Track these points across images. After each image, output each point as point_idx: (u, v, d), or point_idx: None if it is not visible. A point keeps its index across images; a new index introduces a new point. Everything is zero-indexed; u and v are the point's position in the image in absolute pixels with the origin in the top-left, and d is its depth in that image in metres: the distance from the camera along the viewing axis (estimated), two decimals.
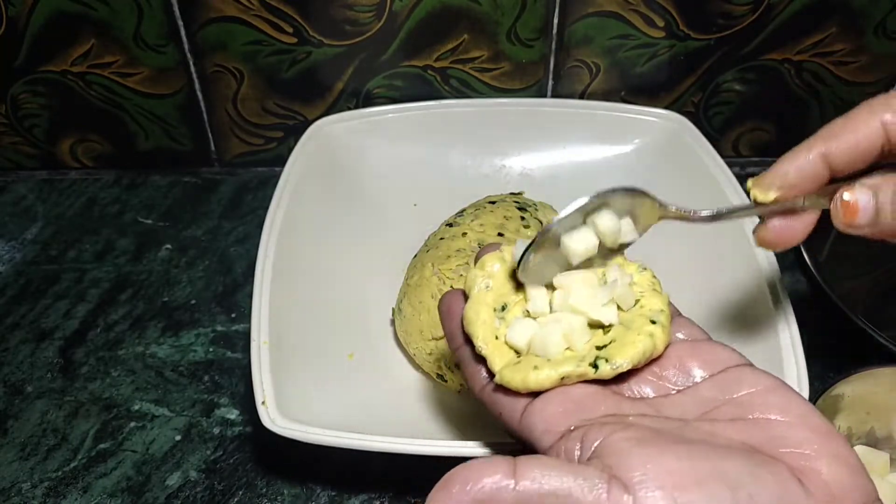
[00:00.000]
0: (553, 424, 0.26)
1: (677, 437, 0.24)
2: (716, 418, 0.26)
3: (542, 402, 0.28)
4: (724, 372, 0.27)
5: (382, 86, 0.63)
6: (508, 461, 0.23)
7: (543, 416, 0.27)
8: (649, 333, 0.29)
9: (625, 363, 0.28)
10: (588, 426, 0.25)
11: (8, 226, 0.63)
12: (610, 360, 0.28)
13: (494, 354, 0.30)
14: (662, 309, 0.30)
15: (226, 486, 0.46)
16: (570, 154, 0.61)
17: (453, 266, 0.47)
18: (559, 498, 0.22)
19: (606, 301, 0.30)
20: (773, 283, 0.47)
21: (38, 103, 0.63)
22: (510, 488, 0.22)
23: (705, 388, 0.27)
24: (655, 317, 0.29)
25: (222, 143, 0.66)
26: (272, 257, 0.48)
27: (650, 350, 0.28)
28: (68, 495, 0.45)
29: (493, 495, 0.22)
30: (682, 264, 0.53)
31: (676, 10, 0.59)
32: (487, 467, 0.23)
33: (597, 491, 0.22)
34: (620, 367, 0.28)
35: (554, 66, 0.62)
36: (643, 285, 0.31)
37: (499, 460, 0.23)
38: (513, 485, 0.22)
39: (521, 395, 0.28)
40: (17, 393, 0.51)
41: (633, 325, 0.29)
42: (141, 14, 0.58)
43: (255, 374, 0.42)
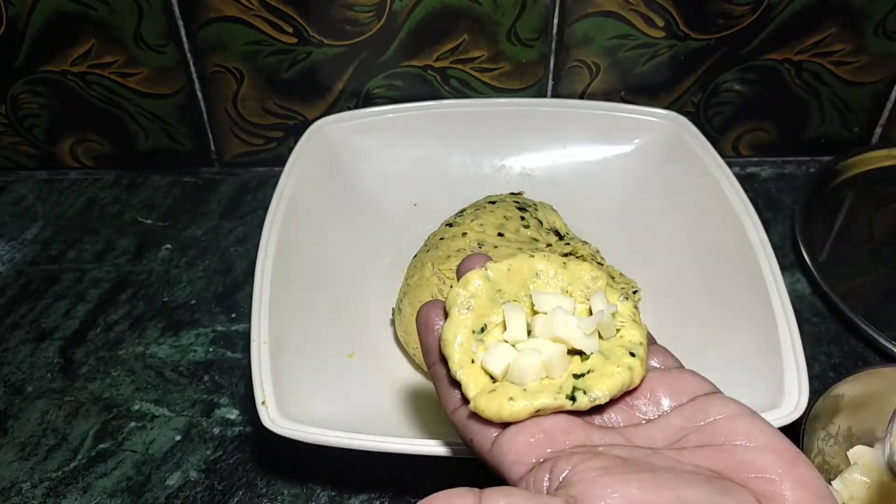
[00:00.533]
0: (523, 455, 0.27)
1: (644, 465, 0.25)
2: (684, 446, 0.26)
3: (513, 432, 0.28)
4: (692, 401, 0.28)
5: (382, 86, 0.63)
6: (474, 493, 0.23)
7: (513, 446, 0.27)
8: (628, 366, 0.29)
9: (602, 396, 0.28)
10: (557, 457, 0.26)
11: (8, 226, 0.63)
12: (588, 391, 0.28)
13: (469, 380, 0.29)
14: (642, 342, 0.30)
15: (226, 486, 0.46)
16: (570, 154, 0.61)
17: (453, 266, 0.47)
18: None
19: (590, 332, 0.30)
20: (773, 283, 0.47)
21: (38, 103, 0.63)
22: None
23: (674, 417, 0.28)
24: (635, 349, 0.29)
25: (222, 143, 0.66)
26: (272, 257, 0.48)
27: (628, 383, 0.28)
28: (68, 495, 0.45)
29: None
30: (682, 265, 0.53)
31: (676, 10, 0.59)
32: (453, 499, 0.23)
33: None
34: (598, 399, 0.28)
35: (554, 66, 0.62)
36: (624, 315, 0.31)
37: (464, 492, 0.23)
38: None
39: (494, 423, 0.28)
40: (17, 393, 0.51)
41: (612, 356, 0.29)
42: (141, 14, 0.58)
43: (255, 374, 0.42)
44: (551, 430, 0.27)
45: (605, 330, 0.30)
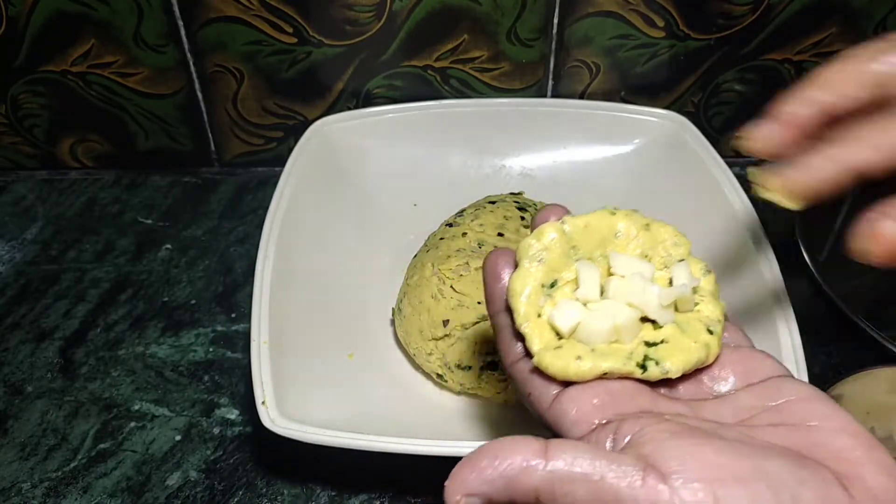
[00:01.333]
0: (586, 415, 0.25)
1: (715, 435, 0.23)
2: (755, 424, 0.25)
3: (577, 391, 0.26)
4: (764, 381, 0.27)
5: (382, 86, 0.63)
6: (540, 441, 0.22)
7: (576, 405, 0.26)
8: (705, 343, 0.27)
9: (675, 370, 0.27)
10: (622, 419, 0.24)
11: (8, 226, 0.63)
12: (660, 362, 0.27)
13: (535, 334, 0.28)
14: (720, 319, 0.29)
15: (226, 486, 0.46)
16: (570, 154, 0.61)
17: (453, 266, 0.47)
18: (590, 482, 0.21)
19: (668, 303, 0.28)
20: (774, 284, 0.47)
21: (38, 103, 0.63)
22: (540, 467, 0.22)
23: (744, 396, 0.26)
24: (713, 326, 0.28)
25: (222, 143, 0.66)
26: (272, 257, 0.48)
27: (703, 360, 0.27)
28: (68, 495, 0.45)
29: (521, 473, 0.22)
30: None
31: (676, 10, 0.59)
32: (518, 445, 0.22)
33: (631, 478, 0.21)
34: (669, 372, 0.27)
35: (554, 66, 0.62)
36: (704, 290, 0.30)
37: (530, 440, 0.22)
38: (543, 464, 0.22)
39: (556, 381, 0.27)
40: (17, 393, 0.51)
41: (689, 330, 0.28)
42: (141, 14, 0.58)
43: (255, 374, 0.42)
44: (617, 392, 0.26)
45: (683, 304, 0.29)
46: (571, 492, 0.21)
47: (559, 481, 0.22)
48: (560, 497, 0.22)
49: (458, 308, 0.46)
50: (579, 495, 0.21)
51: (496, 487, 0.22)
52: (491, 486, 0.22)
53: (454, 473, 0.22)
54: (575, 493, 0.21)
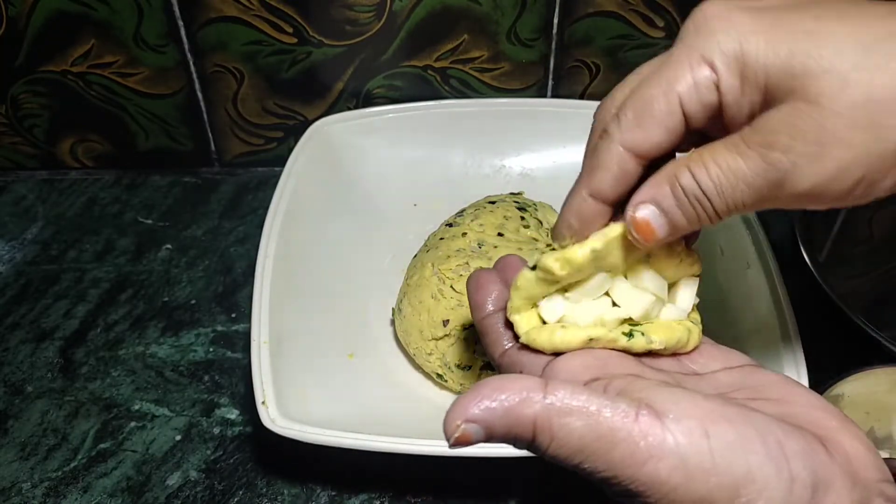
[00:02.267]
0: (575, 375, 0.26)
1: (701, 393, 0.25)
2: (735, 396, 0.26)
3: (566, 357, 0.27)
4: (741, 367, 0.28)
5: (382, 86, 0.63)
6: (540, 379, 0.23)
7: (566, 367, 0.27)
8: (688, 328, 0.29)
9: (658, 341, 0.28)
10: (611, 378, 0.25)
11: (8, 226, 0.63)
12: (645, 333, 0.28)
13: (522, 320, 0.29)
14: (699, 319, 0.30)
15: (226, 486, 0.46)
16: (570, 154, 0.61)
17: (453, 266, 0.47)
18: (588, 415, 0.22)
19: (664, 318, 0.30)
20: (773, 283, 0.47)
21: (38, 103, 0.63)
22: (538, 398, 0.22)
23: (722, 376, 0.27)
24: (695, 322, 0.30)
25: (222, 143, 0.66)
26: (272, 257, 0.48)
27: (684, 340, 0.28)
28: (68, 495, 0.45)
29: (521, 403, 0.22)
30: None
31: (676, 10, 0.59)
32: (518, 379, 0.23)
33: (627, 413, 0.22)
34: (654, 343, 0.28)
35: (554, 66, 0.62)
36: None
37: (530, 377, 0.23)
38: (542, 396, 0.22)
39: (545, 354, 0.28)
40: (18, 393, 0.51)
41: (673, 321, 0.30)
42: (141, 14, 0.58)
43: (255, 374, 0.42)
44: (605, 357, 0.27)
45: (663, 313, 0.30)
46: (568, 423, 0.22)
47: (557, 413, 0.22)
48: (556, 429, 0.22)
49: (458, 308, 0.46)
50: (575, 427, 0.22)
51: (495, 416, 0.22)
52: (490, 414, 0.22)
53: (456, 402, 0.23)
54: (571, 425, 0.22)
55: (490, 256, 0.48)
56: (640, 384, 0.24)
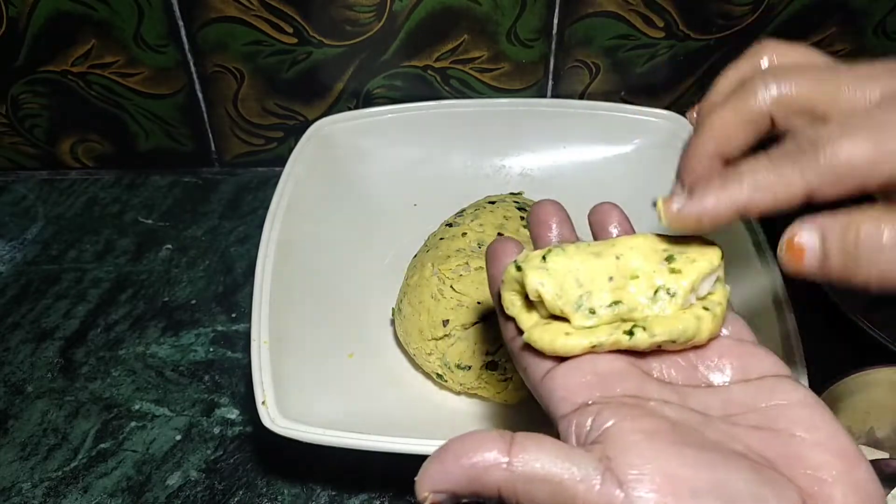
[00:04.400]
0: (572, 394, 0.26)
1: (690, 436, 0.24)
2: (739, 423, 0.25)
3: (567, 367, 0.27)
4: (760, 379, 0.27)
5: (382, 86, 0.63)
6: (505, 438, 0.23)
7: (564, 383, 0.26)
8: (696, 316, 0.27)
9: (661, 333, 0.27)
10: (605, 404, 0.25)
11: (8, 226, 0.63)
12: (647, 328, 0.27)
13: (523, 314, 0.29)
14: (721, 302, 0.29)
15: (226, 486, 0.46)
16: (570, 154, 0.61)
17: (453, 266, 0.47)
18: (550, 483, 0.22)
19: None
20: (773, 283, 0.47)
21: (38, 103, 0.63)
22: (503, 466, 0.22)
23: (736, 391, 0.26)
24: (711, 306, 0.28)
25: (222, 143, 0.66)
26: (272, 257, 0.48)
27: (692, 331, 0.27)
28: (69, 495, 0.45)
29: (484, 472, 0.22)
30: None
31: (676, 11, 0.59)
32: (483, 442, 0.23)
33: (590, 482, 0.22)
34: (656, 337, 0.27)
35: (554, 66, 0.62)
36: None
37: (495, 436, 0.23)
38: (506, 463, 0.22)
39: (548, 356, 0.28)
40: (18, 393, 0.51)
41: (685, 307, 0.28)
42: (141, 14, 0.58)
43: (255, 374, 0.42)
44: (606, 373, 0.26)
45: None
46: (531, 490, 0.22)
47: (520, 480, 0.22)
48: (521, 495, 0.22)
49: (457, 308, 0.46)
50: (538, 494, 0.22)
51: (460, 484, 0.23)
52: (455, 483, 0.23)
53: (423, 469, 0.23)
54: (534, 492, 0.22)
55: None
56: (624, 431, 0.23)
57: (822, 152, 0.25)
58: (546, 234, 0.33)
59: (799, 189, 0.25)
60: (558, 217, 0.33)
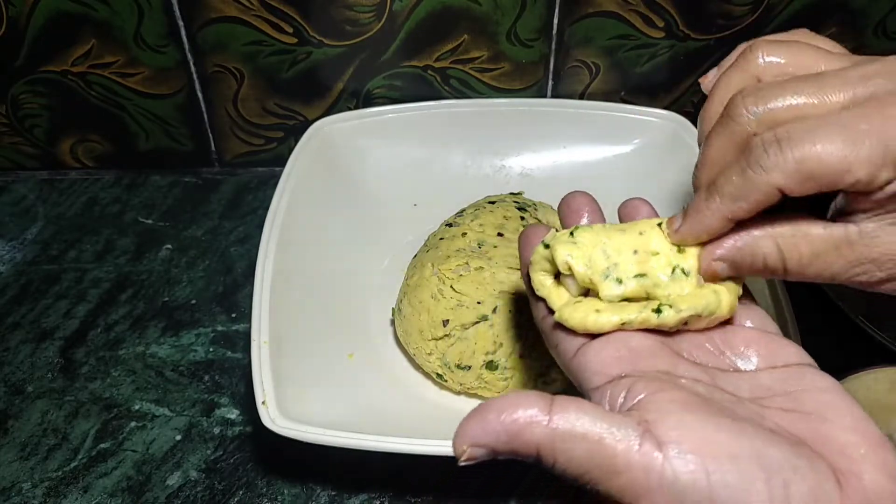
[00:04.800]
0: (605, 367, 0.26)
1: (724, 410, 0.24)
2: (768, 405, 0.25)
3: (599, 343, 0.27)
4: (786, 367, 0.27)
5: (382, 86, 0.63)
6: (546, 398, 0.23)
7: (597, 357, 0.27)
8: (714, 290, 0.28)
9: (687, 309, 0.28)
10: (638, 377, 0.25)
11: (8, 226, 0.63)
12: (674, 305, 0.28)
13: (553, 294, 0.30)
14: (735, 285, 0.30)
15: (226, 486, 0.46)
16: (570, 154, 0.61)
17: (453, 266, 0.48)
18: (590, 442, 0.22)
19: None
20: (774, 283, 0.47)
21: (38, 103, 0.63)
22: (543, 424, 0.22)
23: (764, 376, 0.27)
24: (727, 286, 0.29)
25: (222, 143, 0.66)
26: (272, 257, 0.48)
27: (714, 305, 0.28)
28: (69, 495, 0.45)
29: (525, 428, 0.23)
30: None
31: (676, 11, 0.59)
32: (524, 400, 0.23)
33: (629, 442, 0.22)
34: (683, 312, 0.28)
35: (554, 66, 0.62)
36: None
37: (536, 396, 0.23)
38: (546, 420, 0.22)
39: (579, 334, 0.28)
40: (18, 393, 0.51)
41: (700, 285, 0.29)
42: (141, 14, 0.58)
43: (256, 374, 0.42)
44: (638, 348, 0.27)
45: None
46: (570, 449, 0.22)
47: (560, 439, 0.22)
48: (559, 454, 0.22)
49: (457, 308, 0.46)
50: (577, 453, 0.22)
51: (500, 440, 0.23)
52: (495, 438, 0.23)
53: (462, 424, 0.23)
54: (573, 450, 0.22)
55: (490, 256, 0.48)
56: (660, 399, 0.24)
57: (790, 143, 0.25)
58: (577, 221, 0.33)
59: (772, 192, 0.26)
60: (590, 207, 0.34)
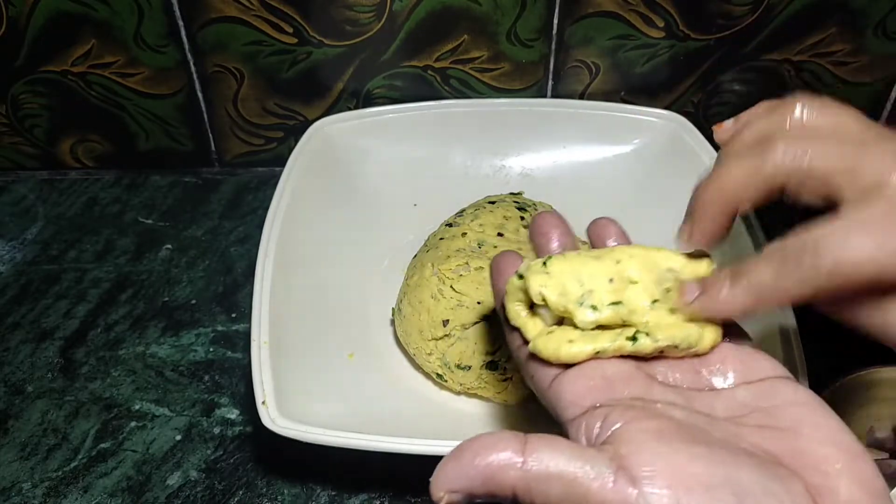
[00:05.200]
0: (579, 398, 0.26)
1: (698, 435, 0.24)
2: (743, 423, 0.25)
3: (573, 373, 0.28)
4: (761, 381, 0.27)
5: (382, 86, 0.63)
6: (519, 438, 0.23)
7: (572, 388, 0.27)
8: (700, 325, 0.28)
9: (664, 339, 0.27)
10: (612, 406, 0.25)
11: (8, 226, 0.63)
12: (650, 334, 0.28)
13: (528, 324, 0.30)
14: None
15: (226, 486, 0.46)
16: (570, 154, 0.61)
17: (453, 266, 0.48)
18: (564, 481, 0.22)
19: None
20: None
21: (38, 103, 0.63)
22: (517, 466, 0.23)
23: (739, 393, 0.27)
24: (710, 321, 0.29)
25: (222, 143, 0.66)
26: (272, 257, 0.48)
27: (695, 339, 0.28)
28: (69, 495, 0.45)
29: (499, 471, 0.23)
30: None
31: (676, 11, 0.59)
32: (498, 442, 0.23)
33: (603, 479, 0.22)
34: (659, 342, 0.27)
35: (554, 66, 0.62)
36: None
37: (509, 437, 0.23)
38: (520, 463, 0.23)
39: (554, 364, 0.28)
40: (18, 393, 0.51)
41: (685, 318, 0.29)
42: (141, 14, 0.58)
43: (255, 374, 0.42)
44: (612, 377, 0.27)
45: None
46: (546, 490, 0.22)
47: (534, 480, 0.23)
48: (535, 494, 0.23)
49: (457, 308, 0.46)
50: (552, 493, 0.22)
51: (475, 484, 0.23)
52: (471, 484, 0.23)
53: (438, 469, 0.23)
54: (549, 490, 0.22)
55: (490, 256, 0.48)
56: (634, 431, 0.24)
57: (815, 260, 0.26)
58: (547, 244, 0.34)
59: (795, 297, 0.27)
60: (559, 229, 0.34)
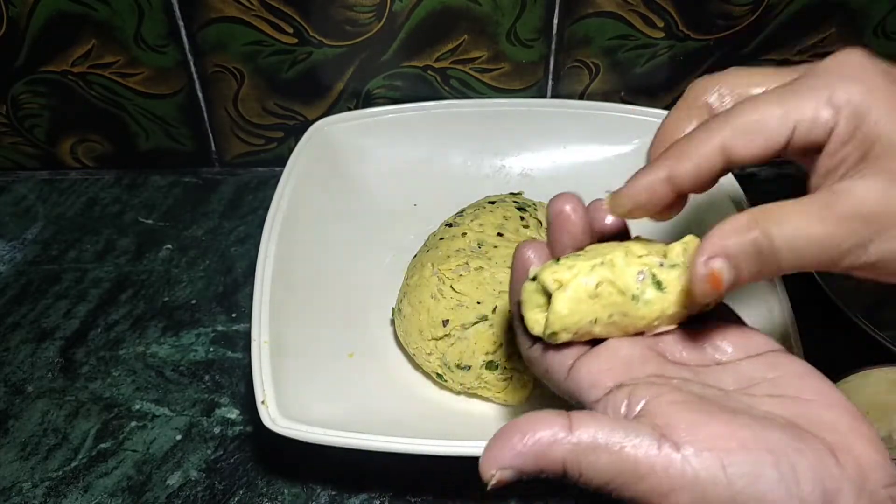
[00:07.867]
0: (600, 380, 0.27)
1: (720, 405, 0.25)
2: (753, 393, 0.26)
3: (589, 358, 0.28)
4: (762, 355, 0.28)
5: (382, 86, 0.63)
6: (563, 415, 0.24)
7: (590, 372, 0.28)
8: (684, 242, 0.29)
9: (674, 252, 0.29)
10: (634, 384, 0.26)
11: (8, 226, 0.63)
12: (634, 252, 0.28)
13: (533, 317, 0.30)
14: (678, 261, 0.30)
15: (226, 486, 0.46)
16: (570, 154, 0.61)
17: (453, 266, 0.48)
18: (611, 452, 0.23)
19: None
20: (773, 283, 0.47)
21: (38, 103, 0.63)
22: (566, 440, 0.23)
23: (744, 366, 0.28)
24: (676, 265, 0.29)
25: (222, 144, 0.66)
26: (272, 257, 0.48)
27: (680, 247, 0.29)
28: (69, 495, 0.45)
29: (549, 447, 0.24)
30: None
31: (676, 11, 0.59)
32: (544, 420, 0.24)
33: (648, 447, 0.23)
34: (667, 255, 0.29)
35: (554, 67, 0.62)
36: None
37: (554, 414, 0.24)
38: (569, 437, 0.24)
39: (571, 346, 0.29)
40: (18, 393, 0.51)
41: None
42: (141, 14, 0.58)
43: (256, 374, 0.42)
44: (627, 357, 0.28)
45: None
46: (594, 461, 0.23)
47: (583, 452, 0.23)
48: (585, 466, 0.24)
49: (457, 308, 0.46)
50: (601, 464, 0.23)
51: (527, 461, 0.24)
52: (522, 460, 0.24)
53: (487, 449, 0.24)
54: (597, 462, 0.23)
55: (490, 256, 0.48)
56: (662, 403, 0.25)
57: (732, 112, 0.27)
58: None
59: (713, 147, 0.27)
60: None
